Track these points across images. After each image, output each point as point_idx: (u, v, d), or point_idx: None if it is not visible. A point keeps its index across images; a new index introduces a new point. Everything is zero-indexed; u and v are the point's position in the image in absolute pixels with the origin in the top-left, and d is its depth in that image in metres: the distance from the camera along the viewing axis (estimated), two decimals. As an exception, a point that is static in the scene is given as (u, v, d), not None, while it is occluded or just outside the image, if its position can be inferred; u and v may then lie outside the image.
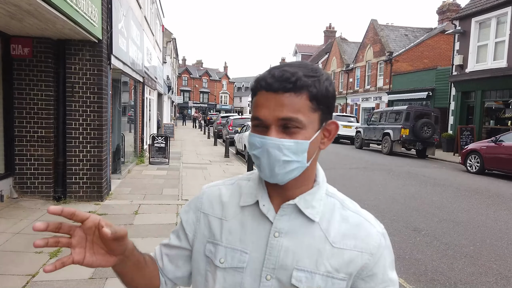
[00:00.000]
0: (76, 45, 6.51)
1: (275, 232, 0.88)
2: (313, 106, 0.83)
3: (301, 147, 0.83)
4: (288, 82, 0.80)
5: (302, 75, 0.81)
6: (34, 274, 3.78)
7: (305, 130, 0.83)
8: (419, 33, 28.99)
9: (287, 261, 0.86)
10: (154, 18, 17.48)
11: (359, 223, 0.91)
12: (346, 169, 12.02)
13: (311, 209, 0.89)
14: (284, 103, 0.80)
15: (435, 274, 4.35)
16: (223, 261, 0.90)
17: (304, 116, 0.82)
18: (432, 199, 7.95)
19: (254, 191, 0.93)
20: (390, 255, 0.93)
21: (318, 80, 0.83)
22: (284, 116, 0.80)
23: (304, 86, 0.81)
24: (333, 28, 46.20)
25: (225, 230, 0.92)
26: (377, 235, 0.90)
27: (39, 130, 6.49)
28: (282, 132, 0.82)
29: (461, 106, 18.77)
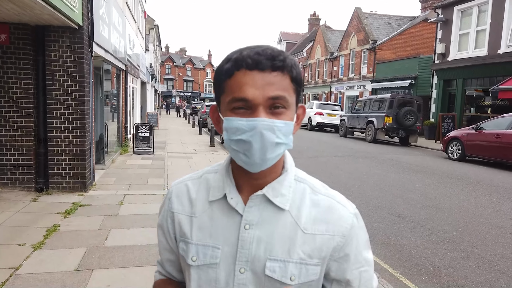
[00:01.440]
0: (56, 32, 6.30)
1: (245, 224, 0.86)
2: (293, 87, 0.81)
3: (289, 128, 0.81)
4: (278, 60, 0.78)
5: (287, 55, 0.80)
6: (17, 267, 3.70)
7: (290, 111, 0.81)
8: (402, 22, 29.18)
9: (260, 253, 0.85)
10: (136, 5, 17.08)
11: (330, 206, 0.89)
12: (330, 157, 12.12)
13: (281, 198, 0.87)
14: (273, 81, 0.78)
15: (419, 259, 4.44)
16: (195, 259, 0.89)
17: (289, 95, 0.80)
18: (415, 186, 8.10)
19: (221, 184, 0.90)
20: (364, 235, 0.91)
21: (294, 64, 0.82)
22: (274, 94, 0.78)
23: (289, 66, 0.80)
24: (318, 16, 46.09)
25: (195, 227, 0.91)
26: (349, 216, 0.89)
27: (19, 119, 6.30)
28: (269, 113, 0.79)
29: (442, 94, 19.09)
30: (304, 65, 40.17)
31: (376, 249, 4.78)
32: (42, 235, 4.52)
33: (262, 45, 0.83)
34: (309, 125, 23.30)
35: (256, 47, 0.81)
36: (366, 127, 17.61)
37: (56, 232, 4.66)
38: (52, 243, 4.33)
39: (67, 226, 4.86)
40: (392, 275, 4.07)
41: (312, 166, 10.46)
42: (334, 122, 22.08)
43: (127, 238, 4.59)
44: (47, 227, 4.76)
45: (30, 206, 5.65)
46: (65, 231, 4.69)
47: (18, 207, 5.52)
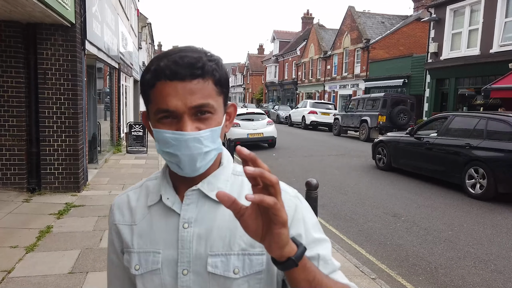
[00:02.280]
0: (48, 30, 6.19)
1: (183, 223, 0.84)
2: (218, 90, 0.81)
3: (216, 133, 0.81)
4: (196, 68, 0.77)
5: (206, 60, 0.79)
6: (9, 270, 3.62)
7: (217, 115, 0.81)
8: (395, 21, 29.27)
9: (201, 250, 0.83)
10: (129, 2, 16.91)
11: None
12: (325, 156, 12.12)
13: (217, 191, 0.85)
14: (194, 90, 0.77)
15: (416, 259, 4.44)
16: (138, 268, 0.87)
17: (214, 100, 0.80)
18: (410, 185, 8.12)
19: (159, 188, 0.89)
20: (311, 215, 0.89)
21: (217, 64, 0.81)
22: (197, 103, 0.78)
23: (210, 71, 0.79)
24: (311, 14, 46.03)
25: (136, 235, 0.88)
26: (290, 199, 0.87)
27: (10, 119, 6.18)
28: (195, 120, 0.79)
29: (435, 93, 19.18)
30: (297, 63, 40.16)
31: (373, 249, 4.77)
32: (35, 236, 4.44)
33: (183, 48, 0.81)
34: (303, 124, 23.30)
35: (176, 53, 0.79)
36: (360, 126, 17.65)
37: (49, 233, 4.58)
38: (45, 245, 4.25)
39: (60, 228, 4.78)
40: (390, 276, 4.07)
41: (306, 165, 10.45)
42: (328, 121, 22.09)
43: (122, 239, 4.52)
44: (40, 229, 4.68)
45: (22, 207, 5.55)
46: (58, 233, 4.61)
47: (10, 208, 5.42)
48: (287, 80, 43.44)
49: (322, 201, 6.27)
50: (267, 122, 13.89)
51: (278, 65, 46.47)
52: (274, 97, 47.92)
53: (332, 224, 5.68)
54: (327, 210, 6.26)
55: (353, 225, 5.64)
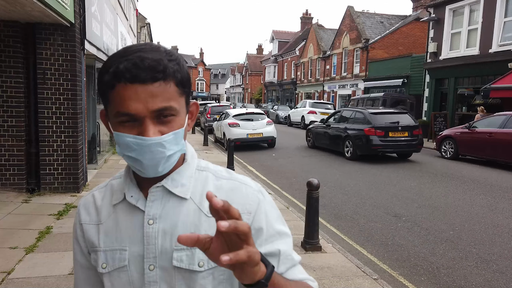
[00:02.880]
0: (47, 29, 6.16)
1: (148, 219, 0.84)
2: (180, 91, 0.80)
3: (179, 135, 0.81)
4: (157, 71, 0.75)
5: (167, 62, 0.77)
6: (9, 271, 3.59)
7: (179, 117, 0.80)
8: (394, 20, 29.28)
9: (166, 245, 0.83)
10: (128, 2, 16.87)
11: (234, 187, 0.89)
12: (325, 156, 12.09)
13: (181, 187, 0.86)
14: (156, 93, 0.75)
15: (418, 260, 4.42)
16: (105, 266, 0.87)
17: (176, 102, 0.79)
18: (410, 185, 8.10)
19: (123, 186, 0.89)
20: (273, 210, 0.90)
21: (178, 64, 0.79)
22: (159, 107, 0.76)
23: (171, 72, 0.77)
24: (310, 14, 46.03)
25: (102, 234, 0.88)
26: (253, 193, 0.88)
27: (9, 119, 6.15)
28: (157, 123, 0.78)
29: (435, 92, 19.18)
30: (296, 63, 40.15)
31: (374, 249, 4.75)
32: (34, 237, 4.41)
33: (142, 47, 0.78)
34: (302, 124, 23.28)
35: (135, 52, 0.76)
36: (359, 126, 17.65)
37: (49, 234, 4.55)
38: (45, 246, 4.22)
39: (60, 228, 4.76)
40: (392, 276, 4.05)
41: (305, 165, 10.43)
42: (327, 121, 22.09)
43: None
44: (40, 229, 4.65)
45: (21, 208, 5.52)
46: (58, 233, 4.59)
47: (9, 209, 5.39)
48: (286, 80, 43.42)
49: (323, 201, 6.24)
50: (267, 122, 13.87)
51: (277, 65, 46.45)
52: (273, 97, 47.90)
53: (333, 224, 5.66)
54: (328, 210, 6.24)
55: (354, 225, 5.62)
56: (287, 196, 7.25)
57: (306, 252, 4.38)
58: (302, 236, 4.64)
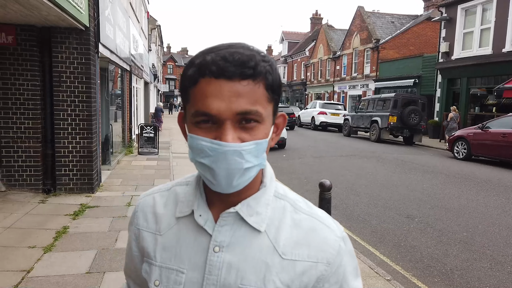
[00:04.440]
0: (62, 33, 6.28)
1: (214, 246, 0.75)
2: (269, 96, 0.70)
3: (261, 147, 0.70)
4: (247, 67, 0.66)
5: (260, 59, 0.68)
6: (29, 270, 3.68)
7: (264, 125, 0.70)
8: (405, 20, 29.09)
9: (230, 280, 0.74)
10: (140, 5, 17.07)
11: (314, 227, 0.77)
12: (335, 157, 12.08)
13: (256, 217, 0.75)
14: (242, 92, 0.66)
15: (431, 261, 4.41)
16: (158, 284, 0.78)
17: (263, 108, 0.69)
18: (423, 186, 8.06)
19: (191, 199, 0.80)
20: (352, 261, 0.79)
21: (271, 66, 0.70)
22: (244, 109, 0.67)
23: (262, 72, 0.68)
24: (320, 15, 45.97)
25: (159, 247, 0.80)
26: (335, 240, 0.77)
27: (26, 121, 6.29)
28: (239, 129, 0.68)
29: (447, 93, 19.01)
30: (306, 64, 40.10)
31: (387, 250, 4.75)
32: (52, 237, 4.51)
33: (233, 44, 0.70)
34: (312, 125, 23.27)
35: (225, 48, 0.69)
36: (370, 127, 17.56)
37: (65, 234, 4.64)
38: (62, 245, 4.31)
39: (76, 228, 4.85)
40: (405, 277, 4.04)
41: (316, 166, 10.43)
42: (338, 121, 22.04)
43: (137, 240, 4.56)
44: (57, 229, 4.75)
45: (38, 208, 5.64)
46: (74, 233, 4.68)
47: (26, 209, 5.51)
48: (296, 81, 43.39)
49: (334, 202, 6.24)
50: (277, 123, 13.89)
51: (286, 66, 46.44)
52: (283, 98, 47.93)
53: (345, 225, 5.66)
54: (340, 211, 6.25)
55: (366, 226, 5.62)
56: (298, 197, 7.26)
57: (318, 253, 4.40)
58: (314, 237, 4.66)
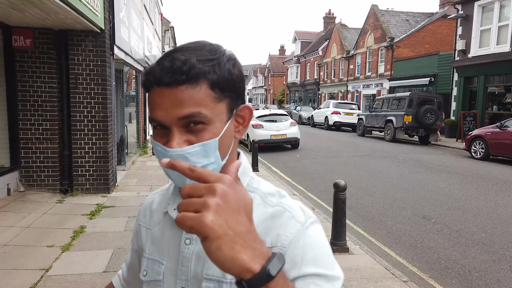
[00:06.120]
0: (79, 36, 6.39)
1: (185, 239, 0.78)
2: (216, 96, 0.71)
3: (210, 147, 0.71)
4: (180, 73, 0.67)
5: (195, 62, 0.69)
6: (47, 269, 3.75)
7: (212, 125, 0.71)
8: (420, 18, 28.67)
9: (198, 270, 0.76)
10: (153, 7, 17.24)
11: (276, 214, 0.76)
12: (349, 157, 11.99)
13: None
14: (181, 98, 0.68)
15: (449, 262, 4.34)
16: (145, 274, 0.84)
17: (208, 108, 0.70)
18: (439, 186, 7.93)
19: (170, 194, 0.85)
20: (314, 250, 0.72)
21: (218, 64, 0.71)
22: (184, 114, 0.68)
23: (201, 73, 0.69)
24: (333, 14, 45.67)
25: (149, 240, 0.86)
26: (294, 225, 0.73)
27: (44, 122, 6.41)
28: (186, 132, 0.70)
29: (463, 91, 18.66)
30: (319, 64, 39.89)
31: (403, 251, 4.69)
32: (69, 236, 4.59)
33: (185, 46, 0.72)
34: (326, 125, 23.11)
35: (175, 52, 0.71)
36: (385, 126, 17.35)
37: (82, 233, 4.72)
38: (79, 244, 4.38)
39: (93, 228, 4.92)
40: (422, 278, 3.99)
41: (330, 166, 10.36)
42: (352, 121, 21.83)
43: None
44: (74, 229, 4.83)
45: (56, 208, 5.74)
46: (91, 233, 4.75)
47: (44, 209, 5.62)
48: (309, 80, 43.21)
49: (349, 202, 6.19)
50: (290, 123, 13.85)
51: (299, 66, 46.30)
52: (295, 98, 47.76)
53: (360, 226, 5.61)
54: (354, 212, 6.19)
55: (382, 227, 5.56)
56: (312, 198, 7.24)
57: (333, 254, 4.36)
58: (329, 238, 4.64)
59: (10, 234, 4.59)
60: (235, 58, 0.75)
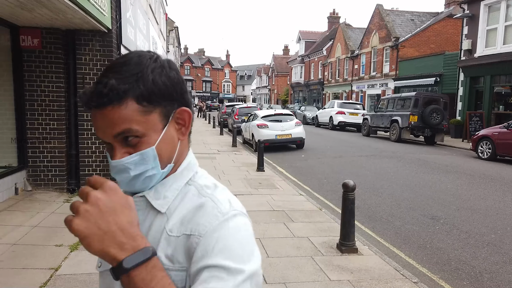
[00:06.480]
0: (86, 35, 6.40)
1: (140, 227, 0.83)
2: (145, 109, 0.75)
3: (148, 155, 0.77)
4: (101, 97, 0.72)
5: (114, 83, 0.73)
6: (56, 268, 3.75)
7: (147, 137, 0.77)
8: (425, 18, 28.54)
9: None
10: (158, 7, 17.26)
11: (204, 204, 0.78)
12: (355, 157, 11.94)
13: (162, 200, 0.82)
14: (110, 118, 0.74)
15: (459, 264, 4.30)
16: (100, 265, 0.87)
17: (138, 123, 0.75)
18: (447, 187, 7.87)
19: None
20: (228, 242, 0.72)
21: (141, 77, 0.75)
22: (116, 132, 0.75)
23: (122, 92, 0.73)
24: (337, 14, 45.57)
25: None
26: (215, 215, 0.75)
27: (51, 122, 6.42)
28: (126, 145, 0.77)
29: (469, 91, 18.55)
30: (324, 63, 39.82)
31: (412, 252, 4.66)
32: (77, 236, 4.58)
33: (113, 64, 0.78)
34: (330, 125, 23.06)
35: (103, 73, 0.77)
36: (390, 126, 17.27)
37: (90, 233, 4.71)
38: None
39: (100, 227, 4.91)
40: (432, 280, 3.95)
41: (336, 166, 10.32)
42: (356, 121, 21.76)
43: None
44: (82, 228, 4.82)
45: (63, 207, 5.75)
46: (99, 232, 4.74)
47: (52, 208, 5.63)
48: (313, 80, 43.15)
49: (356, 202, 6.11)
50: (296, 123, 13.81)
51: (303, 66, 46.24)
52: (299, 97, 47.70)
53: (368, 226, 5.58)
54: (362, 212, 6.16)
55: (390, 227, 5.52)
56: (319, 197, 7.21)
57: (342, 254, 4.35)
58: (337, 238, 4.61)
59: (19, 233, 4.60)
60: (162, 66, 0.78)
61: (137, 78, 0.74)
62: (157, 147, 0.78)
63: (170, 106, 0.79)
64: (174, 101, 0.80)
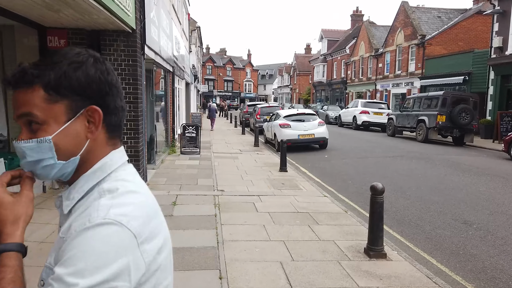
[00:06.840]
0: (111, 36, 6.44)
1: (59, 228, 0.85)
2: (51, 97, 0.77)
3: (43, 144, 0.78)
4: (14, 78, 0.77)
5: (27, 67, 0.77)
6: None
7: (46, 125, 0.77)
8: (453, 15, 27.68)
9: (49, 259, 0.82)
10: (181, 7, 17.37)
11: (87, 208, 0.77)
12: (381, 158, 11.64)
13: (70, 201, 0.83)
14: (17, 99, 0.78)
15: (496, 272, 4.06)
16: None
17: (39, 110, 0.76)
18: (479, 190, 7.54)
19: None
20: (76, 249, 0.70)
21: (58, 67, 0.77)
22: (17, 114, 0.78)
23: (33, 77, 0.76)
24: (361, 11, 44.79)
25: None
26: (83, 224, 0.73)
27: (77, 121, 6.49)
28: (29, 131, 0.79)
29: (500, 90, 17.85)
30: (347, 62, 39.24)
31: (445, 258, 4.44)
32: (101, 235, 4.59)
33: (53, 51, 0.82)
34: (354, 124, 22.67)
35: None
36: (417, 126, 16.79)
37: (114, 233, 4.71)
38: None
39: (124, 227, 4.92)
40: (467, 289, 3.74)
41: (361, 167, 10.08)
42: (381, 121, 21.29)
43: (184, 239, 4.56)
44: (106, 228, 4.84)
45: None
46: (123, 232, 4.74)
47: (77, 207, 5.68)
48: (335, 79, 42.62)
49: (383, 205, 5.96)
50: (318, 123, 13.60)
51: (326, 65, 45.73)
52: (322, 97, 47.20)
53: (396, 230, 5.38)
54: (389, 215, 5.95)
55: (420, 231, 5.30)
56: (344, 199, 7.02)
57: (370, 259, 4.18)
58: (364, 242, 4.45)
59: (46, 231, 4.64)
60: (82, 62, 0.79)
61: (52, 68, 0.77)
62: (55, 138, 0.78)
63: (80, 102, 0.80)
64: (88, 98, 0.80)
